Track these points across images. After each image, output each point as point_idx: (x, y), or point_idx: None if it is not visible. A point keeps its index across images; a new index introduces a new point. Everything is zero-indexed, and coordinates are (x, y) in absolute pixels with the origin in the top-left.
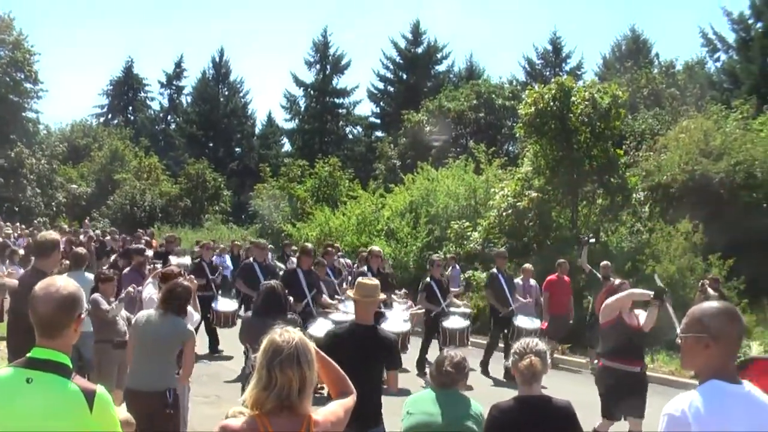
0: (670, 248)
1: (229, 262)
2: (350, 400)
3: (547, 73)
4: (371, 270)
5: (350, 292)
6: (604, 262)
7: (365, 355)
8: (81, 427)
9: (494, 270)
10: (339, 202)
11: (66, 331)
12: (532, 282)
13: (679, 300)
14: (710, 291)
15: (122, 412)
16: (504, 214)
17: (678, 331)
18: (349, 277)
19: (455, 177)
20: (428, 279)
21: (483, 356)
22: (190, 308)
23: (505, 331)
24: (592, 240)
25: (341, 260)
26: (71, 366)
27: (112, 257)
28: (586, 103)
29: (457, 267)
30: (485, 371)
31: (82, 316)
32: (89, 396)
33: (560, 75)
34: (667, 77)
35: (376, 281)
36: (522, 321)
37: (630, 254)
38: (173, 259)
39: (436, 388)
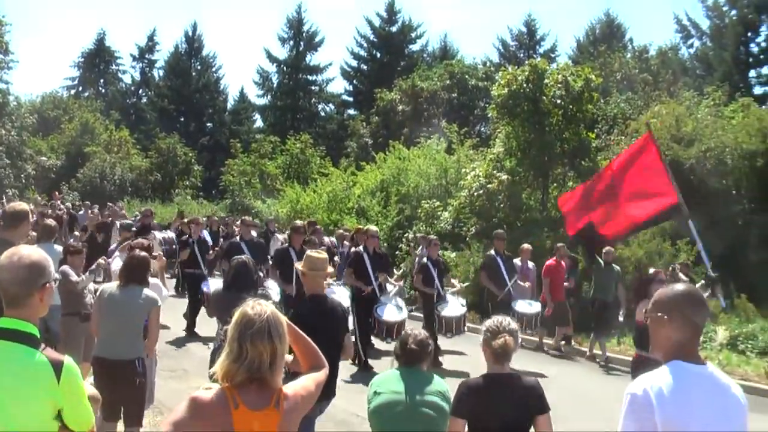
0: (639, 233)
1: (208, 238)
2: (322, 374)
3: (521, 55)
4: (367, 251)
5: (299, 265)
6: (607, 248)
7: (324, 326)
8: (48, 398)
9: (491, 252)
10: (310, 179)
11: (31, 300)
12: (530, 264)
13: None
14: (681, 276)
15: (88, 388)
16: (475, 194)
17: None
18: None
19: (427, 156)
20: (425, 260)
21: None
22: (158, 282)
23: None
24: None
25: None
26: (38, 337)
27: (89, 231)
28: (559, 85)
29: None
30: None
31: (49, 285)
32: (57, 367)
33: (534, 57)
34: (640, 62)
35: (324, 255)
36: (521, 306)
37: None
38: (158, 234)
39: (400, 366)
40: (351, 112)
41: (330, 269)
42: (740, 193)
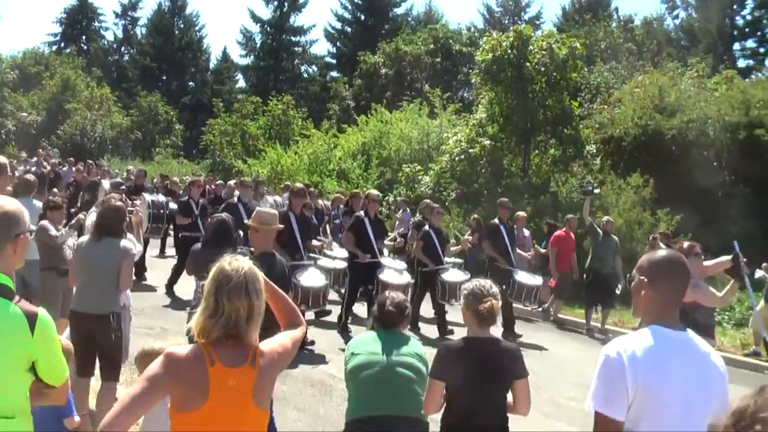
0: (619, 201)
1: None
2: (299, 332)
3: (506, 21)
4: (368, 215)
5: (249, 221)
6: (607, 218)
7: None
8: (22, 349)
9: (495, 221)
10: (291, 141)
11: (3, 251)
12: (526, 232)
13: (626, 253)
14: (661, 245)
15: (62, 339)
16: (456, 159)
17: None
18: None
19: (409, 120)
20: (427, 228)
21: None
22: (132, 237)
23: (503, 287)
24: (597, 191)
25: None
26: (13, 288)
27: (71, 189)
28: (544, 52)
29: (408, 210)
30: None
31: (23, 237)
32: (31, 319)
33: (519, 24)
34: (625, 32)
35: (274, 211)
36: (523, 276)
37: (579, 205)
38: (146, 196)
39: (378, 328)
40: (334, 74)
41: (280, 226)
42: (721, 165)
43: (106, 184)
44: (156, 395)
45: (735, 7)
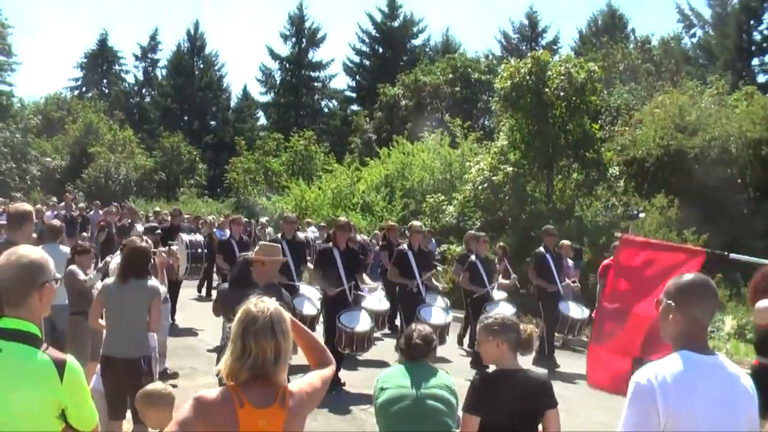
0: (645, 223)
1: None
2: (329, 371)
3: (524, 47)
4: (412, 248)
5: (255, 255)
6: None
7: None
8: (51, 396)
9: (541, 249)
10: (314, 176)
11: (29, 300)
12: (570, 261)
13: None
14: None
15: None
16: (479, 188)
17: None
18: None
19: (431, 151)
20: (473, 257)
21: (538, 347)
22: (155, 280)
23: (550, 317)
24: (642, 215)
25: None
26: (41, 336)
27: (105, 230)
28: (562, 77)
29: (433, 241)
30: (552, 363)
31: (48, 285)
32: (59, 366)
33: (536, 49)
34: (642, 52)
35: (276, 244)
36: (571, 309)
37: (605, 229)
38: (184, 236)
39: (405, 361)
40: (354, 107)
41: (283, 258)
42: (745, 182)
43: (139, 227)
44: None
45: (752, 22)
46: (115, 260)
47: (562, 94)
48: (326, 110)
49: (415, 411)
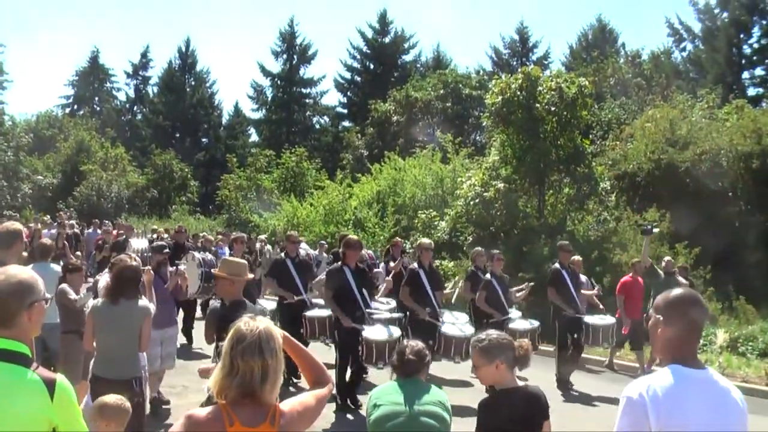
0: (637, 237)
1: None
2: (325, 390)
3: (514, 62)
4: (422, 266)
5: (219, 272)
6: (667, 258)
7: None
8: (42, 416)
9: (557, 265)
10: (306, 193)
11: (18, 319)
12: (583, 277)
13: (647, 288)
14: (680, 279)
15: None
16: (471, 203)
17: None
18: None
19: (422, 167)
20: (488, 276)
21: (557, 369)
22: (146, 300)
23: (575, 335)
24: (656, 230)
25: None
26: (31, 355)
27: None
28: (553, 92)
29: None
30: (565, 386)
31: (38, 304)
32: (50, 385)
33: (527, 65)
34: (633, 66)
35: (243, 261)
36: (594, 319)
37: (597, 243)
38: (196, 255)
39: (399, 378)
40: (346, 124)
41: (250, 276)
42: (736, 195)
43: (135, 242)
44: None
45: (741, 35)
46: (103, 278)
47: (553, 109)
48: (318, 126)
49: (409, 428)
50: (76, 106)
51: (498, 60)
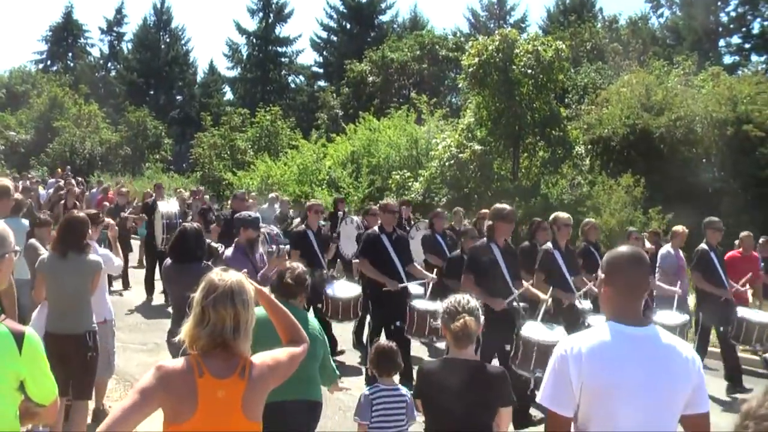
0: (610, 201)
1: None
2: (299, 349)
3: (492, 25)
4: (558, 247)
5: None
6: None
7: None
8: (10, 368)
9: (704, 245)
10: (280, 152)
11: None
12: (681, 253)
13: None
14: (648, 245)
15: None
16: (446, 164)
17: None
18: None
19: (397, 127)
20: (549, 245)
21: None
22: (107, 252)
23: (721, 328)
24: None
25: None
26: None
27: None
28: (529, 55)
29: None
30: (736, 388)
31: (8, 256)
32: (18, 337)
33: (504, 27)
34: (610, 32)
35: None
36: (747, 312)
37: (570, 207)
38: (161, 207)
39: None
40: (321, 83)
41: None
42: (710, 161)
43: (163, 206)
44: (147, 408)
45: (719, 3)
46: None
47: (529, 72)
48: (293, 86)
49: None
50: (49, 62)
51: (475, 22)
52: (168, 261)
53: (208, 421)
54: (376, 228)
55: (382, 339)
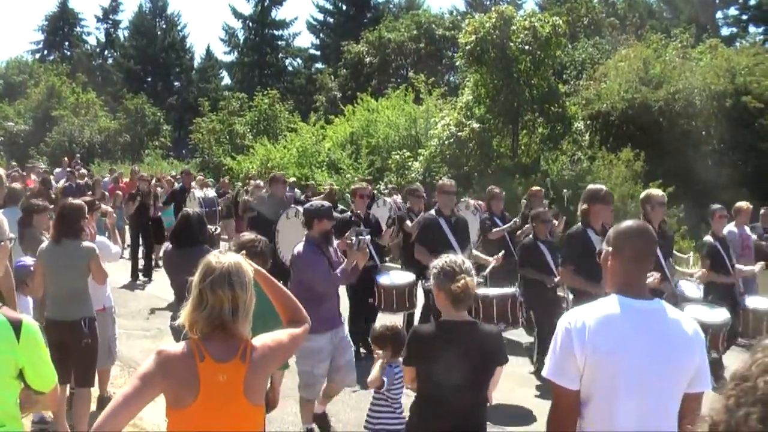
0: (611, 176)
1: None
2: (300, 330)
3: (488, 2)
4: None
5: None
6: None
7: None
8: (8, 356)
9: (709, 238)
10: (279, 135)
11: None
12: (747, 229)
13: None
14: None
15: None
16: (445, 143)
17: None
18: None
19: (395, 107)
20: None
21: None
22: (104, 239)
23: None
24: None
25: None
26: None
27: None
28: (526, 32)
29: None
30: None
31: (2, 244)
32: (16, 325)
33: (500, 4)
34: (607, 6)
35: None
36: (756, 302)
37: (571, 182)
38: (197, 192)
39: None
40: (318, 65)
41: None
42: (710, 134)
43: (198, 192)
44: (149, 394)
45: None
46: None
47: (526, 48)
48: (290, 69)
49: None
50: (46, 52)
51: (472, 1)
52: (169, 246)
53: (210, 405)
54: (433, 211)
55: (387, 322)
